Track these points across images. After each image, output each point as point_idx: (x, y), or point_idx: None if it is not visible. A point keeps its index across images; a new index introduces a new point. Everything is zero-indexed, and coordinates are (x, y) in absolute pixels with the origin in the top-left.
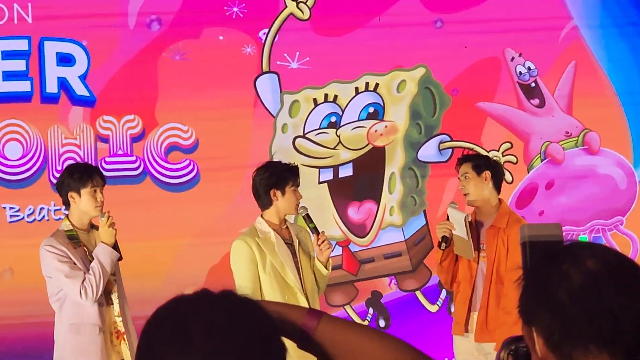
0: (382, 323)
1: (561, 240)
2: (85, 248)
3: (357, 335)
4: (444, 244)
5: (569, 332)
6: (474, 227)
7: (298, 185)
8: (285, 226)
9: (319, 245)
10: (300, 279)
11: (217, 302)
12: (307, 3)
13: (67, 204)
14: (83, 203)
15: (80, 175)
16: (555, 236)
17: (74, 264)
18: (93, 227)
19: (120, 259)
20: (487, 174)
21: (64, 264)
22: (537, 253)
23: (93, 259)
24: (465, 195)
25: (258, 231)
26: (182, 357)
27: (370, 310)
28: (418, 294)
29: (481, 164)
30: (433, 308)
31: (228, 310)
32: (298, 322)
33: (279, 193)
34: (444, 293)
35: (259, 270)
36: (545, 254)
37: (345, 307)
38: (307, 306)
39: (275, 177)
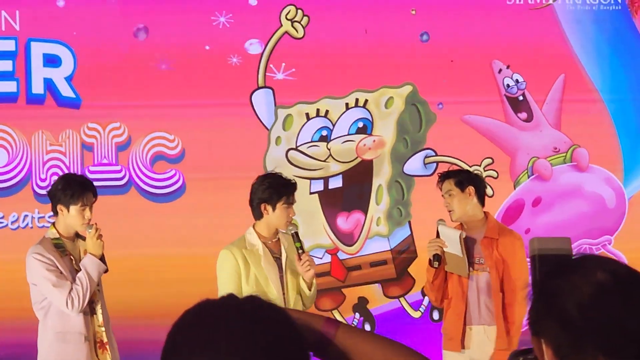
0: (367, 327)
1: (570, 254)
2: (71, 257)
3: (375, 344)
4: (436, 262)
5: (577, 343)
6: (466, 243)
7: (292, 203)
8: (276, 239)
9: (301, 266)
10: (283, 294)
11: (244, 307)
12: (302, 22)
13: (55, 213)
14: (70, 218)
15: (72, 192)
16: (564, 250)
17: (61, 273)
18: (78, 236)
19: (106, 271)
20: (470, 189)
21: (52, 272)
22: (547, 266)
23: (79, 268)
24: (450, 212)
25: (247, 242)
26: (208, 354)
27: (357, 315)
28: (402, 300)
29: (463, 179)
30: (416, 314)
31: (253, 314)
32: (318, 329)
33: (269, 208)
34: (426, 300)
35: (241, 282)
36: (554, 266)
37: (332, 312)
38: None
39: (269, 192)
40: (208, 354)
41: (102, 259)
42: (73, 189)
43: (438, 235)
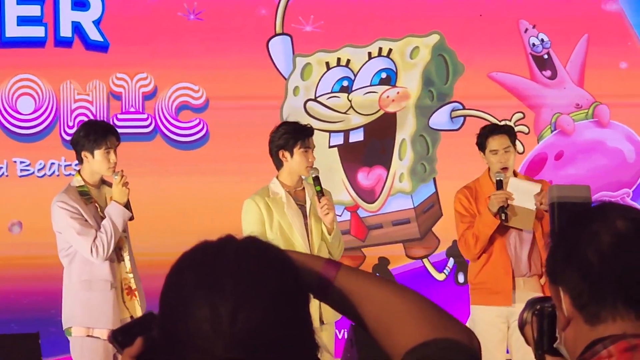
0: None
1: (589, 202)
2: (96, 204)
3: (376, 286)
4: (504, 215)
5: (597, 292)
6: None
7: (309, 147)
8: (301, 187)
9: (320, 209)
10: (308, 241)
11: (243, 247)
12: None
13: (80, 160)
14: (96, 164)
15: (95, 137)
16: (583, 198)
17: (85, 220)
18: (104, 182)
19: (131, 218)
20: (518, 147)
21: (76, 220)
22: (566, 214)
23: (104, 215)
24: (504, 169)
25: (270, 191)
26: (212, 302)
27: None
28: (425, 261)
29: (515, 137)
30: (440, 276)
31: (254, 254)
32: (317, 270)
33: (287, 154)
34: (451, 262)
35: (265, 230)
36: (574, 214)
37: None
38: None
39: (284, 139)
40: (210, 295)
41: (127, 206)
42: (96, 133)
43: (498, 188)
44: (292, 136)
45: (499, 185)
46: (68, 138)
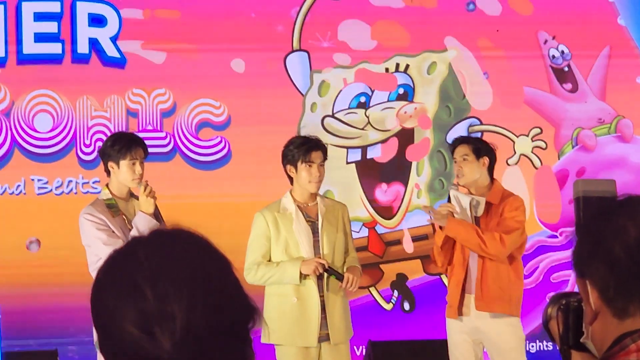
0: (406, 306)
1: (615, 196)
2: (124, 216)
3: None
4: (440, 227)
5: (624, 285)
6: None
7: (312, 162)
8: (314, 202)
9: (350, 289)
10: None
11: (150, 244)
12: None
13: (107, 173)
14: (121, 174)
15: (120, 147)
16: (609, 192)
17: (112, 232)
18: (132, 195)
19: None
20: (485, 160)
21: (102, 231)
22: (591, 208)
23: (132, 227)
24: (458, 176)
25: (280, 206)
26: (137, 307)
27: (395, 293)
28: (444, 277)
29: (481, 148)
30: None
31: (161, 247)
32: None
33: (293, 169)
34: None
35: (270, 245)
36: (600, 208)
37: (369, 288)
38: (314, 285)
39: (289, 154)
40: (133, 300)
41: (158, 216)
42: (121, 143)
43: (449, 200)
44: (295, 152)
45: (449, 197)
46: (85, 157)
